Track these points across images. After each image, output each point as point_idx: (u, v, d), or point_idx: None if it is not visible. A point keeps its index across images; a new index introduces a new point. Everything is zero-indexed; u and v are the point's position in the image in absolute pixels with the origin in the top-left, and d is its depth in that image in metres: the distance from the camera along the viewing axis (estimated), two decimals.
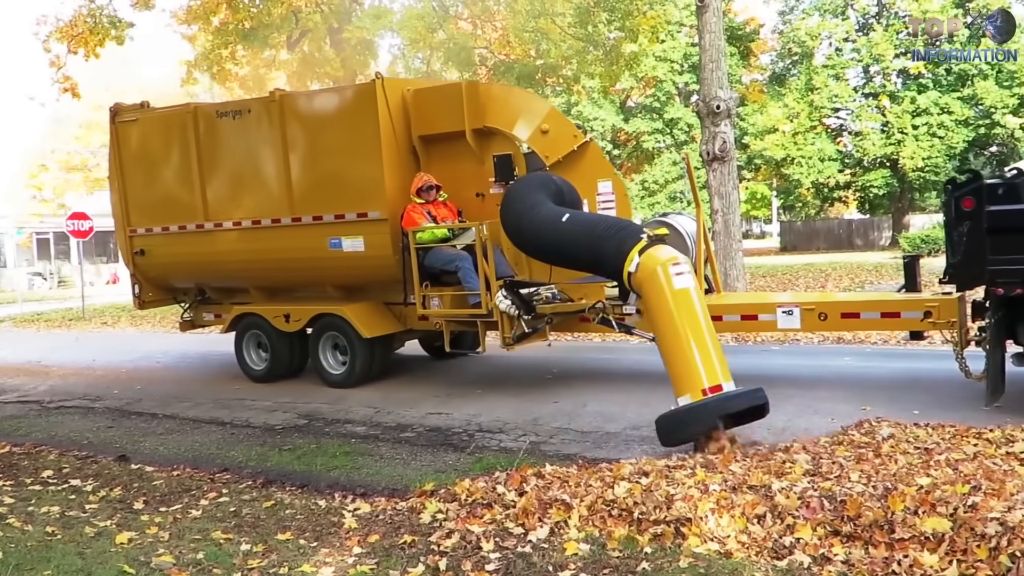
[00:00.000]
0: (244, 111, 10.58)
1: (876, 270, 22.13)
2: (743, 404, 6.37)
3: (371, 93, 9.43)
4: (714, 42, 15.91)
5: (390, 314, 10.15)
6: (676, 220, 9.72)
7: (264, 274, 10.79)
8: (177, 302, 12.30)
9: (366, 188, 9.62)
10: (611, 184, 9.25)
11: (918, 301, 8.13)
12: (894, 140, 33.91)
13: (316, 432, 8.33)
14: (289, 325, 10.46)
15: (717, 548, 4.59)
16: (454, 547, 4.93)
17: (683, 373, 6.54)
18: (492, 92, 9.99)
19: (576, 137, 9.34)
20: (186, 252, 11.15)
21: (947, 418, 6.74)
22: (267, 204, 10.38)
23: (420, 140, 9.76)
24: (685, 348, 6.55)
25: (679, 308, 6.66)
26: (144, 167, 11.44)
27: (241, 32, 19.21)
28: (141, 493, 6.46)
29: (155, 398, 10.51)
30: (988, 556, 4.16)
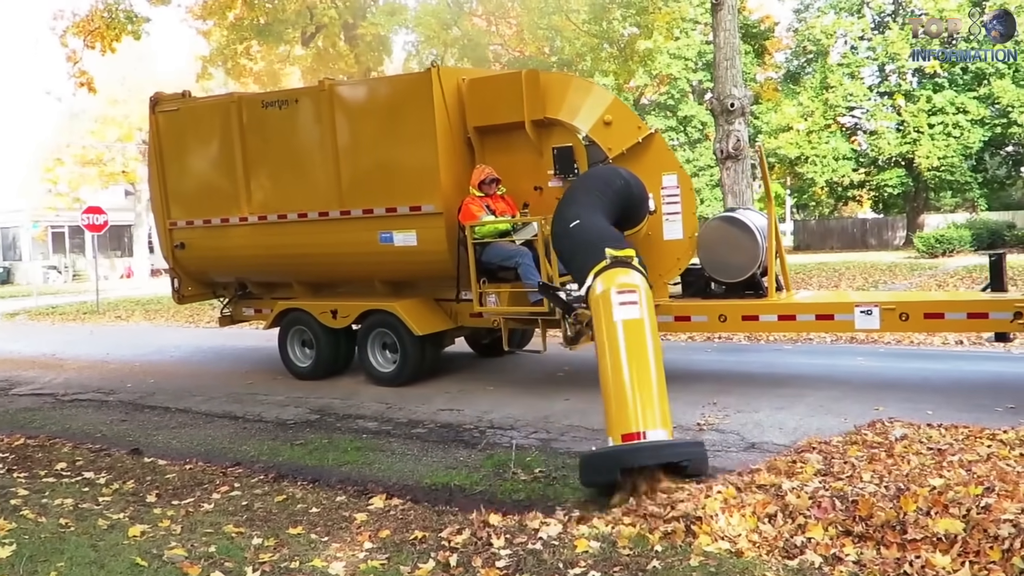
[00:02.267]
0: (291, 101, 10.33)
1: (890, 270, 22.02)
2: (648, 459, 5.53)
3: (427, 83, 9.15)
4: (728, 40, 15.89)
5: (441, 311, 9.92)
6: (746, 216, 9.25)
7: (310, 269, 10.58)
8: (216, 296, 12.11)
9: (420, 181, 9.36)
10: (676, 177, 8.92)
11: (1008, 301, 7.71)
12: (909, 139, 33.72)
13: (328, 427, 8.35)
14: (336, 321, 10.27)
15: (728, 547, 4.58)
16: (465, 543, 4.94)
17: (610, 411, 5.89)
18: (552, 81, 9.52)
19: (640, 129, 9.01)
20: (228, 246, 10.94)
21: (960, 419, 6.72)
22: (314, 197, 10.12)
23: (475, 131, 9.48)
24: (616, 384, 5.89)
25: (611, 340, 6.05)
26: (185, 158, 11.26)
27: (256, 28, 19.25)
28: (154, 486, 6.49)
29: (168, 392, 10.56)
30: (1001, 558, 4.14)
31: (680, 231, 8.90)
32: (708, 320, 8.93)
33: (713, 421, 7.41)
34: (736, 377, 9.47)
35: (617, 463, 5.54)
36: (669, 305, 8.97)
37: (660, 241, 8.93)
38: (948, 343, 10.82)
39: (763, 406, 7.81)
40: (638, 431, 5.65)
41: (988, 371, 8.97)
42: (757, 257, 8.66)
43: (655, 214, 8.86)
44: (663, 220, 8.93)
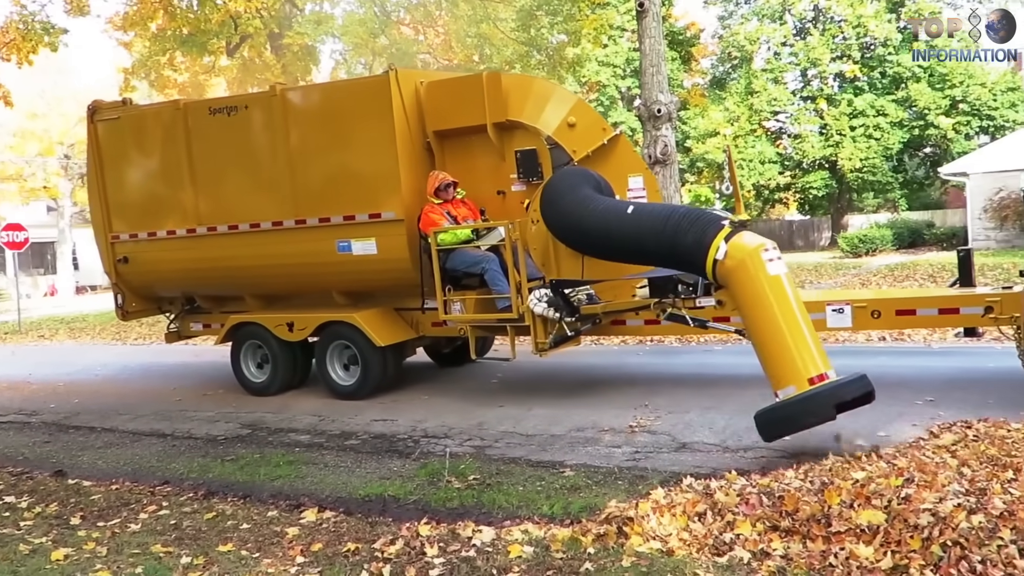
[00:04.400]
0: (240, 107, 10.00)
1: (816, 270, 22.54)
2: (855, 391, 6.02)
3: (384, 87, 8.96)
4: (654, 47, 16.08)
5: (402, 321, 9.69)
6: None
7: (264, 280, 10.26)
8: (162, 312, 11.65)
9: (379, 187, 9.16)
10: (642, 179, 8.91)
11: (978, 296, 7.77)
12: (832, 142, 34.56)
13: (259, 442, 8.23)
14: (293, 334, 9.94)
15: (659, 546, 4.64)
16: (398, 553, 4.92)
17: (785, 363, 6.18)
18: (514, 83, 9.30)
19: (605, 131, 8.95)
20: (176, 259, 10.54)
21: (882, 413, 6.89)
22: (267, 206, 9.80)
23: (435, 135, 9.30)
24: (784, 338, 6.22)
25: (775, 296, 6.33)
26: (127, 169, 10.84)
27: (179, 38, 18.90)
28: (78, 508, 6.33)
29: (93, 411, 10.29)
30: (921, 546, 4.26)
31: None
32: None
33: (645, 423, 7.48)
34: (667, 379, 9.58)
35: (832, 399, 5.92)
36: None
37: None
38: (872, 340, 11.08)
39: (693, 407, 7.91)
40: (824, 372, 6.07)
41: (912, 365, 9.21)
42: None
43: None
44: None
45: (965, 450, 5.63)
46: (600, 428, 7.46)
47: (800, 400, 5.99)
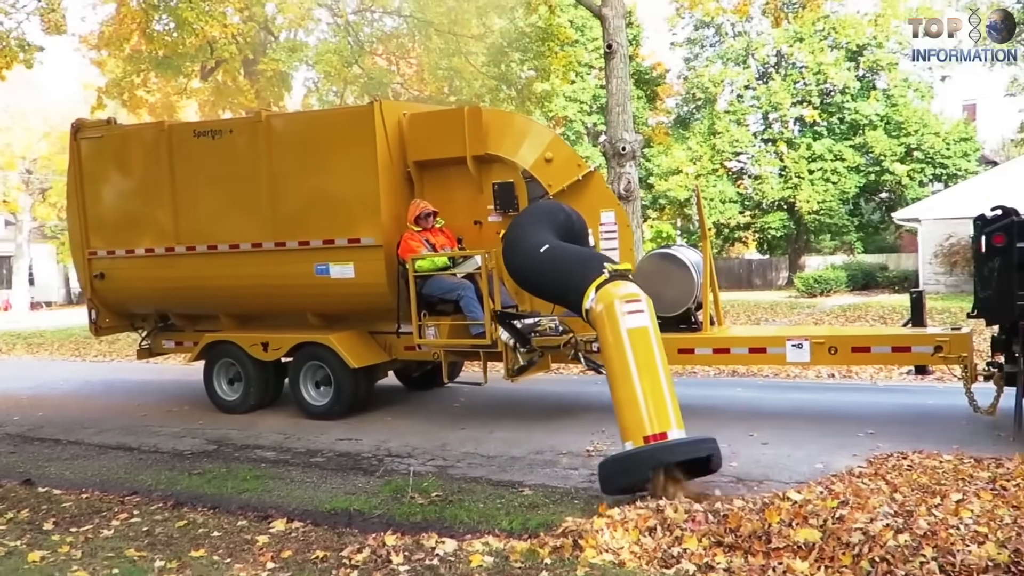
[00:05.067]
0: (224, 131, 10.22)
1: (772, 308, 23.11)
2: (682, 454, 6.00)
3: (369, 117, 9.25)
4: (620, 87, 16.58)
5: (376, 344, 9.89)
6: (681, 252, 9.56)
7: (240, 301, 10.41)
8: (135, 329, 11.70)
9: (360, 214, 9.40)
10: (614, 214, 9.25)
11: (929, 336, 8.14)
12: (791, 184, 35.44)
13: (226, 457, 8.42)
14: (267, 354, 10.09)
15: (611, 559, 4.95)
16: (365, 561, 5.18)
17: (629, 417, 6.24)
18: (494, 118, 9.66)
19: (580, 167, 9.30)
20: (152, 276, 10.68)
21: (825, 443, 7.31)
22: (247, 228, 9.99)
23: (415, 165, 9.59)
24: (633, 390, 6.26)
25: (630, 347, 6.39)
26: (108, 186, 10.99)
27: (154, 60, 19.09)
28: (50, 515, 6.50)
29: (58, 425, 10.38)
30: (851, 562, 4.62)
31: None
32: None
33: (601, 447, 7.79)
34: None
35: (652, 460, 5.92)
36: None
37: None
38: (821, 376, 11.54)
39: None
40: (664, 431, 6.05)
41: (856, 401, 9.65)
42: (692, 292, 9.06)
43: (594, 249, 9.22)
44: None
45: (899, 478, 6.03)
46: (558, 451, 7.77)
47: (626, 457, 6.10)
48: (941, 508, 5.07)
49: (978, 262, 7.64)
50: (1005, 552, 4.46)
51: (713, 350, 9.02)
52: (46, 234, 42.33)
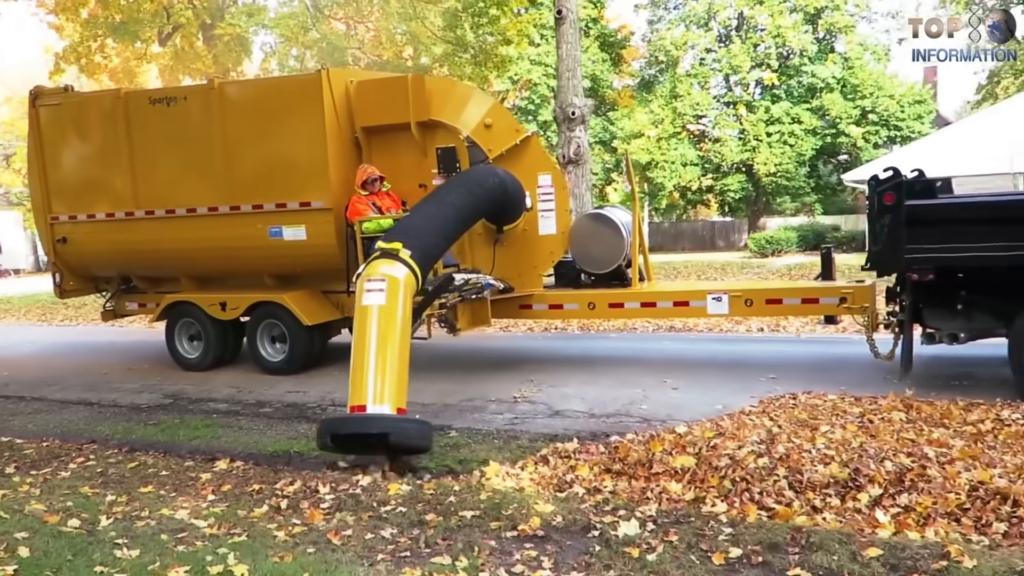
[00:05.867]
0: (179, 98, 10.58)
1: (723, 268, 23.83)
2: (346, 429, 6.32)
3: (316, 84, 9.65)
4: (570, 52, 17.06)
5: (328, 302, 10.41)
6: (612, 212, 10.13)
7: (199, 263, 10.83)
8: (99, 291, 12.10)
9: (310, 178, 9.81)
10: (551, 177, 9.81)
11: (835, 288, 8.88)
12: (749, 147, 36.09)
13: (180, 409, 8.97)
14: (225, 313, 10.63)
15: (513, 484, 5.60)
16: (296, 491, 5.79)
17: (352, 383, 6.60)
18: (437, 86, 10.14)
19: (518, 132, 9.82)
20: (114, 240, 11.03)
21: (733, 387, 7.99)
22: (203, 192, 10.38)
23: (363, 131, 9.98)
24: (356, 360, 6.64)
25: (360, 323, 6.84)
26: (67, 152, 11.30)
27: (111, 25, 19.28)
28: (12, 460, 7.04)
29: (23, 383, 10.88)
30: (718, 482, 5.29)
31: (554, 227, 9.81)
32: (579, 308, 9.91)
33: (527, 394, 8.46)
34: (557, 359, 10.57)
35: (328, 430, 6.36)
36: (544, 294, 9.95)
37: (536, 236, 9.83)
38: (751, 330, 12.24)
39: (572, 381, 8.92)
40: (363, 404, 6.37)
41: (770, 351, 10.39)
42: (622, 250, 9.70)
43: (531, 211, 9.77)
44: (538, 216, 9.82)
45: (782, 414, 6.71)
46: (488, 398, 8.42)
47: (320, 423, 6.64)
48: (801, 436, 5.74)
49: (871, 219, 8.28)
50: (847, 471, 5.14)
51: (641, 304, 9.69)
52: (12, 201, 42.23)
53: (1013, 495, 4.74)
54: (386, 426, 6.25)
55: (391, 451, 6.36)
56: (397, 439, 6.26)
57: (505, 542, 4.75)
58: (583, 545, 4.65)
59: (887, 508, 4.85)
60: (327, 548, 4.74)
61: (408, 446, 6.39)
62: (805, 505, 4.96)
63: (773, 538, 4.52)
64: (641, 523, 4.80)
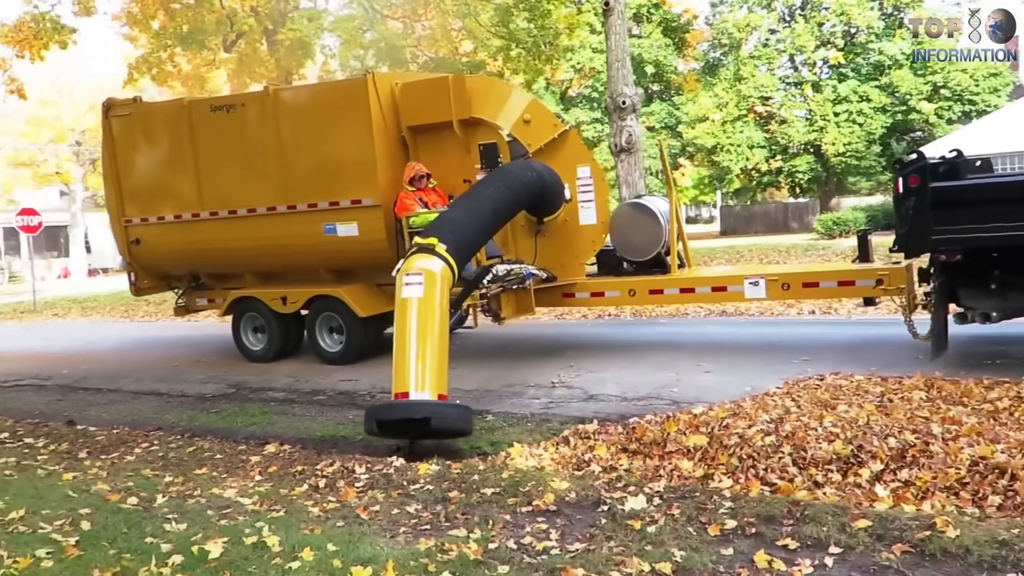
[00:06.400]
0: (238, 105, 11.24)
1: (787, 251, 23.68)
2: (393, 415, 6.68)
3: (363, 88, 10.14)
4: (619, 43, 17.26)
5: (383, 294, 10.69)
6: (651, 202, 10.39)
7: (260, 260, 11.37)
8: (171, 288, 12.78)
9: (360, 177, 10.28)
10: (589, 169, 10.12)
11: (871, 270, 8.95)
12: (817, 127, 35.59)
13: (241, 398, 9.54)
14: (286, 307, 11.18)
15: (535, 464, 5.93)
16: (334, 472, 6.22)
17: (395, 372, 6.96)
18: (477, 85, 10.62)
19: (556, 126, 10.19)
20: (181, 240, 11.69)
21: (767, 370, 8.16)
22: (262, 193, 10.94)
23: (409, 130, 10.43)
24: (398, 350, 7.01)
25: (398, 314, 7.24)
26: (138, 159, 12.01)
27: (179, 35, 20.15)
28: (85, 446, 7.65)
29: (100, 376, 11.61)
30: (726, 460, 5.54)
31: (594, 217, 10.12)
32: (620, 295, 10.20)
33: (566, 379, 8.77)
34: (601, 346, 10.86)
35: (375, 416, 6.74)
36: (586, 282, 10.26)
37: (576, 226, 10.15)
38: (803, 313, 12.31)
39: (611, 367, 9.20)
40: (406, 391, 6.75)
41: (809, 333, 10.53)
42: (661, 238, 9.95)
43: (571, 202, 10.08)
44: (578, 207, 10.14)
45: (805, 395, 6.89)
46: (527, 384, 8.76)
47: (370, 408, 7.00)
48: (811, 415, 5.94)
49: (897, 202, 8.36)
50: (850, 448, 5.34)
51: (680, 290, 9.92)
52: (99, 203, 44.06)
53: (1011, 469, 4.89)
54: (429, 411, 6.61)
55: (434, 435, 6.71)
56: (439, 423, 6.60)
57: (519, 516, 5.08)
58: (591, 519, 4.95)
59: (887, 483, 5.04)
60: (355, 522, 5.14)
61: (449, 430, 6.75)
62: (807, 480, 5.18)
63: (770, 511, 4.76)
64: (648, 498, 5.08)
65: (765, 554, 4.24)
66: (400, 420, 6.63)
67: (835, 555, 4.23)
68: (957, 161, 8.08)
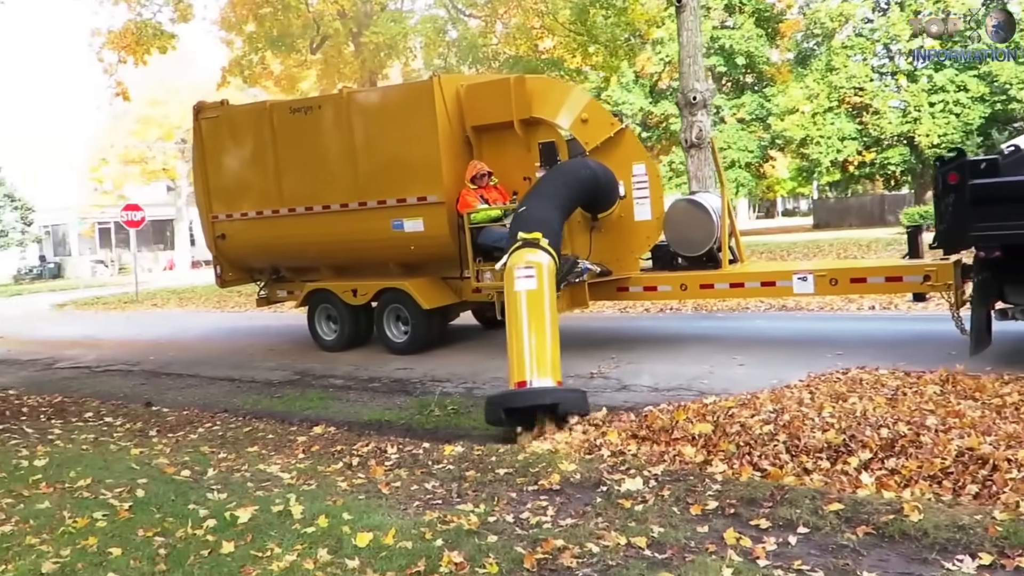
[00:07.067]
0: (315, 107, 11.90)
1: (868, 246, 23.31)
2: (526, 402, 6.94)
3: (429, 90, 10.69)
4: (691, 39, 17.37)
5: (447, 288, 11.31)
6: (703, 198, 10.65)
7: (333, 254, 11.99)
8: (254, 281, 13.54)
9: (425, 175, 10.78)
10: (644, 166, 10.41)
11: (918, 266, 8.98)
12: (911, 118, 34.71)
13: (304, 384, 10.18)
14: (356, 299, 11.77)
15: (549, 447, 6.34)
16: (368, 452, 6.74)
17: (510, 363, 7.34)
18: (537, 85, 10.89)
19: (613, 124, 10.48)
20: (262, 235, 12.43)
21: (801, 364, 8.34)
22: (336, 191, 11.56)
23: (473, 130, 10.90)
24: (515, 341, 7.36)
25: (517, 307, 7.54)
26: (225, 159, 12.80)
27: (269, 38, 21.14)
28: (155, 425, 8.40)
29: (183, 362, 12.48)
30: (726, 446, 5.83)
31: (649, 213, 10.40)
32: (672, 289, 10.49)
33: (605, 370, 9.12)
34: (648, 338, 11.14)
35: (501, 404, 7.06)
36: (639, 277, 10.54)
37: (632, 222, 10.46)
38: (863, 308, 12.30)
39: (650, 359, 9.51)
40: (525, 380, 7.13)
41: (854, 328, 10.67)
42: (713, 234, 10.20)
43: (626, 199, 10.40)
44: (633, 204, 10.44)
45: (823, 388, 7.08)
46: (568, 375, 9.04)
47: (490, 399, 7.25)
48: (811, 407, 6.17)
49: (936, 199, 8.40)
50: (842, 437, 5.57)
51: (729, 284, 10.12)
52: None
53: (993, 460, 5.05)
54: (556, 397, 7.01)
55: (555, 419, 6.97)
56: (565, 408, 6.97)
57: (524, 494, 5.49)
58: (589, 498, 5.33)
59: (874, 471, 5.25)
60: (376, 496, 5.63)
61: (571, 413, 7.02)
62: (797, 467, 5.44)
63: (753, 494, 5.06)
64: (645, 480, 5.43)
65: (735, 532, 4.55)
66: (530, 407, 6.94)
67: (801, 535, 4.51)
68: (995, 159, 8.10)
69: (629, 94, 42.07)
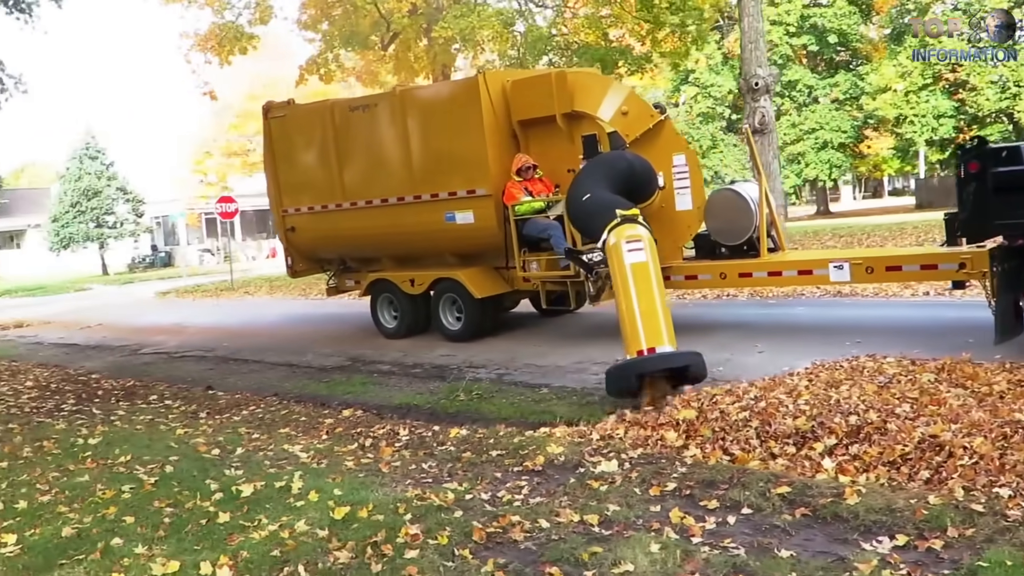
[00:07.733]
0: (371, 105, 12.41)
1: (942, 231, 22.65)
2: (658, 366, 7.11)
3: (475, 87, 11.09)
4: (752, 24, 17.35)
5: (499, 277, 11.65)
6: (742, 187, 10.77)
7: (392, 245, 12.55)
8: (323, 271, 14.20)
9: (474, 168, 11.17)
10: (684, 157, 10.64)
11: (954, 254, 8.84)
12: (1010, 94, 33.41)
13: (353, 370, 10.79)
14: (414, 288, 12.28)
15: (545, 431, 6.73)
16: (382, 433, 7.25)
17: (627, 334, 7.47)
18: (578, 79, 11.18)
19: (652, 116, 10.70)
20: (327, 227, 13.07)
21: (806, 351, 8.48)
22: (393, 184, 12.08)
23: (519, 124, 11.26)
24: (631, 312, 7.49)
25: (629, 279, 7.62)
26: (292, 155, 13.45)
27: (343, 36, 21.93)
28: (206, 407, 9.11)
29: (251, 349, 13.27)
30: (705, 431, 6.11)
31: (690, 203, 10.61)
32: (712, 278, 10.67)
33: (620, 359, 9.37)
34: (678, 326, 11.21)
35: (634, 371, 7.17)
36: (680, 266, 10.76)
37: (673, 212, 10.66)
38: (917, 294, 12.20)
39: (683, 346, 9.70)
40: (651, 347, 7.26)
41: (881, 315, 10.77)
42: (752, 223, 10.37)
43: (666, 189, 10.62)
44: (674, 194, 10.66)
45: (823, 375, 7.25)
46: (594, 361, 9.44)
47: (619, 367, 7.33)
48: (791, 394, 6.37)
49: (959, 187, 8.37)
50: (811, 424, 5.78)
51: (768, 273, 10.24)
52: None
53: (949, 447, 5.21)
54: (686, 360, 7.22)
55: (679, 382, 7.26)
56: (695, 370, 7.20)
57: (508, 474, 5.89)
58: (564, 479, 5.69)
59: (836, 456, 5.46)
60: (375, 474, 6.12)
61: (699, 376, 7.28)
62: (764, 452, 5.69)
63: (714, 477, 5.34)
64: (620, 463, 5.77)
65: (680, 512, 4.86)
66: (663, 370, 7.17)
67: (743, 516, 4.79)
68: (1018, 146, 8.04)
69: (718, 76, 41.65)
